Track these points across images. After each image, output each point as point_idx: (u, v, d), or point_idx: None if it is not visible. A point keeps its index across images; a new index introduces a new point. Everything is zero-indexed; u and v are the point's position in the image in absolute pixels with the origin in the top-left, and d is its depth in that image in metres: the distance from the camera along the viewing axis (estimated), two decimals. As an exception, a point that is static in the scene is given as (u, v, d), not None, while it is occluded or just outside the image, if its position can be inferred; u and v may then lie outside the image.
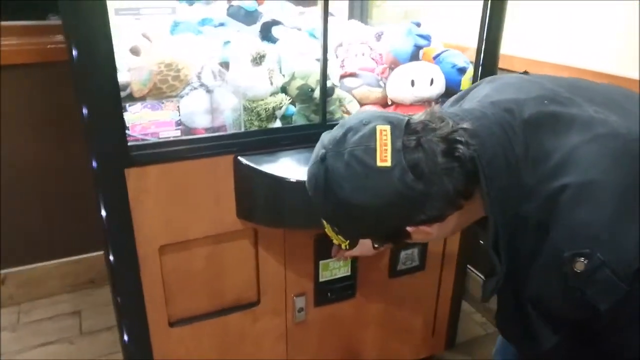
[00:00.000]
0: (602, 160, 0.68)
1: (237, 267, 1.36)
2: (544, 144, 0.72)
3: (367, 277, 1.53)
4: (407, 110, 1.45)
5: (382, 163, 0.70)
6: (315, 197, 0.82)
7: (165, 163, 1.16)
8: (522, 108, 0.75)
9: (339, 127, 0.79)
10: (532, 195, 0.71)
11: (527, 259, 0.74)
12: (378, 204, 0.73)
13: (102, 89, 1.02)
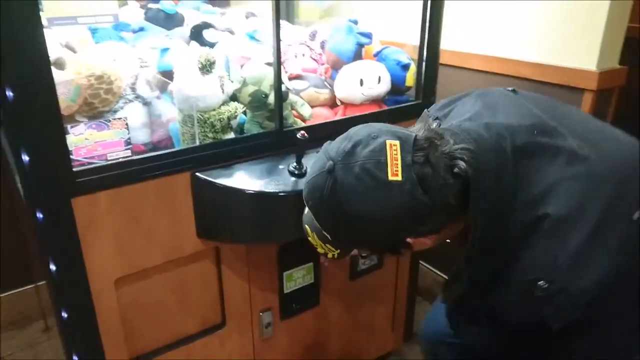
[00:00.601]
0: (579, 198, 0.74)
1: (199, 290, 1.27)
2: (530, 173, 0.77)
3: (329, 283, 1.50)
4: (356, 109, 1.43)
5: (393, 177, 0.72)
6: (316, 208, 0.80)
7: (116, 188, 1.04)
8: (514, 136, 0.79)
9: (344, 140, 0.78)
10: (513, 217, 0.76)
11: (496, 274, 0.79)
12: (386, 216, 0.74)
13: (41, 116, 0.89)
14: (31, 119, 0.90)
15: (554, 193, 0.74)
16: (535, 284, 0.73)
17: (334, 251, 0.90)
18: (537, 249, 0.74)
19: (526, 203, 0.75)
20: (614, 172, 0.76)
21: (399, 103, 1.50)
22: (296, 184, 1.15)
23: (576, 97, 1.48)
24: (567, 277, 0.72)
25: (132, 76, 1.32)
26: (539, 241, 0.74)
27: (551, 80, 1.52)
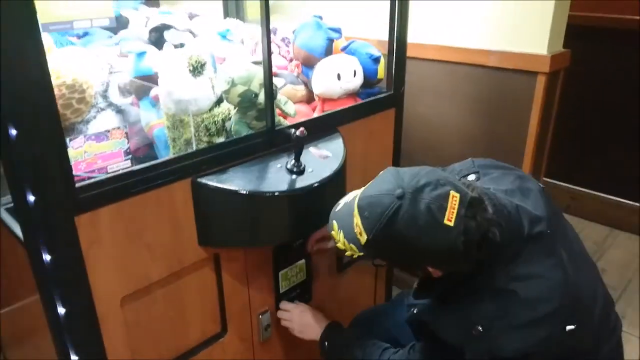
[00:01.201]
0: (542, 295, 0.91)
1: (200, 300, 1.23)
2: (525, 255, 0.93)
3: (319, 277, 1.51)
4: (334, 104, 1.45)
5: (447, 222, 0.85)
6: (370, 219, 0.90)
7: (119, 201, 0.98)
8: (534, 226, 0.96)
9: (416, 176, 0.90)
10: (494, 277, 0.93)
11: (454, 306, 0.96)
12: (428, 249, 0.88)
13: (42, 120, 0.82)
14: (32, 136, 0.83)
15: (530, 281, 0.92)
16: (476, 325, 0.91)
17: (357, 253, 0.96)
18: (494, 306, 0.92)
19: (509, 274, 0.92)
20: (573, 292, 0.93)
21: (371, 95, 1.53)
22: (296, 182, 1.15)
23: (531, 80, 1.60)
24: (500, 334, 0.90)
25: (102, 83, 1.25)
26: (499, 302, 0.92)
27: (506, 65, 1.63)
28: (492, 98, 1.70)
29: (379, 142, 1.55)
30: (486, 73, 1.69)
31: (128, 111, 1.27)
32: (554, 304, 0.90)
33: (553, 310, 0.90)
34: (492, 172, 1.09)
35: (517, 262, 0.92)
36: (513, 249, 0.93)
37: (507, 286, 0.91)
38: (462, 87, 1.77)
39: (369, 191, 0.94)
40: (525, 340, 0.90)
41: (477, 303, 0.93)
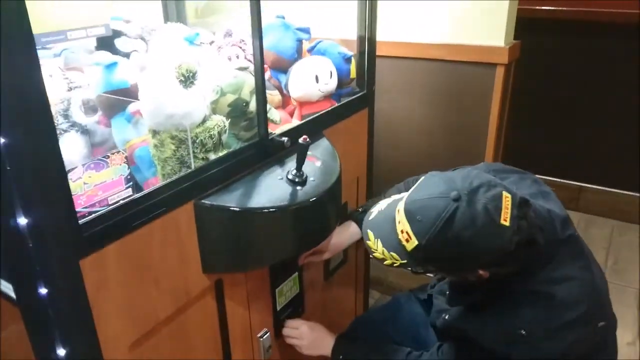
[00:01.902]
0: (576, 296, 0.94)
1: (202, 331, 1.12)
2: (557, 258, 0.96)
3: (310, 288, 1.45)
4: (313, 107, 1.39)
5: (503, 222, 0.85)
6: (423, 224, 0.87)
7: (124, 236, 0.86)
8: (565, 229, 1.00)
9: (467, 178, 0.89)
10: (533, 281, 0.95)
11: (488, 314, 0.98)
12: (483, 251, 0.87)
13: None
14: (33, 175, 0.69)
15: (565, 284, 0.94)
16: (519, 330, 0.93)
17: (399, 261, 0.93)
18: (535, 310, 0.94)
19: (546, 277, 0.95)
20: (598, 290, 0.98)
21: (342, 96, 1.49)
22: (303, 193, 1.09)
23: (490, 71, 1.65)
24: (543, 337, 0.93)
25: (61, 101, 1.10)
26: (538, 306, 0.94)
27: (466, 58, 1.67)
28: (453, 91, 1.74)
29: (356, 143, 1.52)
30: (445, 67, 1.72)
31: (94, 131, 1.12)
32: (587, 303, 0.94)
33: (587, 309, 0.93)
34: (509, 176, 1.10)
35: (552, 265, 0.95)
36: (549, 252, 0.95)
37: (544, 289, 0.94)
38: (421, 82, 1.79)
39: (417, 195, 0.91)
40: (565, 340, 0.92)
41: (517, 308, 0.94)
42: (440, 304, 1.09)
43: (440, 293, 1.11)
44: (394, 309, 1.40)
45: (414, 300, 1.40)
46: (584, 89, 2.59)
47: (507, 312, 0.95)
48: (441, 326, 1.06)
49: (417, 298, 1.38)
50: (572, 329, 0.93)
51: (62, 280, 0.77)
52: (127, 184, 0.87)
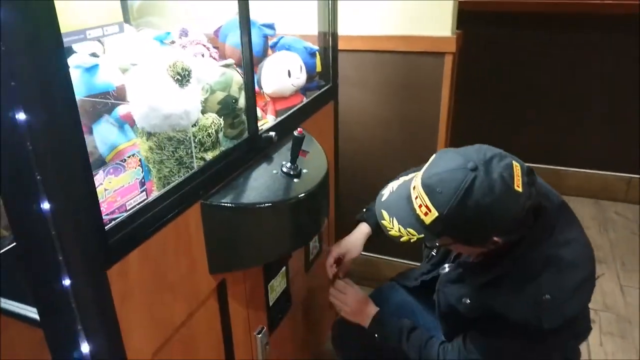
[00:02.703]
0: (583, 256, 1.03)
1: (207, 335, 1.10)
2: (559, 224, 1.03)
3: (295, 281, 1.46)
4: (286, 102, 1.40)
5: (517, 188, 0.91)
6: (442, 195, 0.92)
7: (144, 242, 0.83)
8: (558, 197, 1.07)
9: (480, 151, 0.94)
10: (544, 247, 1.00)
11: (509, 287, 1.01)
12: (502, 215, 0.92)
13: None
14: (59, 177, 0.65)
15: (570, 245, 1.02)
16: (543, 296, 0.97)
17: (416, 236, 0.96)
18: (550, 274, 0.99)
19: (553, 243, 1.01)
20: (591, 247, 1.06)
21: (309, 90, 1.52)
22: (302, 185, 1.10)
23: (439, 60, 1.76)
24: (566, 297, 0.98)
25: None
26: (553, 269, 0.99)
27: (416, 49, 1.76)
28: (405, 81, 1.82)
29: (325, 136, 1.55)
30: (397, 58, 1.80)
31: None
32: (592, 260, 1.03)
33: (592, 265, 1.03)
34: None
35: (556, 231, 1.02)
36: (552, 219, 1.02)
37: (554, 253, 1.00)
38: (374, 74, 1.85)
39: (434, 170, 0.95)
40: (584, 296, 1.01)
41: (536, 275, 0.99)
42: (453, 291, 1.11)
43: (450, 281, 1.15)
44: (379, 301, 1.42)
45: (399, 289, 1.45)
46: (522, 76, 2.84)
47: (527, 281, 0.99)
48: (466, 311, 1.08)
49: (404, 286, 1.44)
50: (586, 285, 1.00)
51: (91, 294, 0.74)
52: (142, 188, 0.84)
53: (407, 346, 1.20)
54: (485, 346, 1.08)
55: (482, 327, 1.09)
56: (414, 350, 1.19)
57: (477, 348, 1.09)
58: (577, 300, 1.00)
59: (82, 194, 0.69)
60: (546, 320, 0.97)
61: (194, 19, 1.84)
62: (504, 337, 1.05)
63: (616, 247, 2.52)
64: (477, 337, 1.10)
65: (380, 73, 1.85)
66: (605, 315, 2.09)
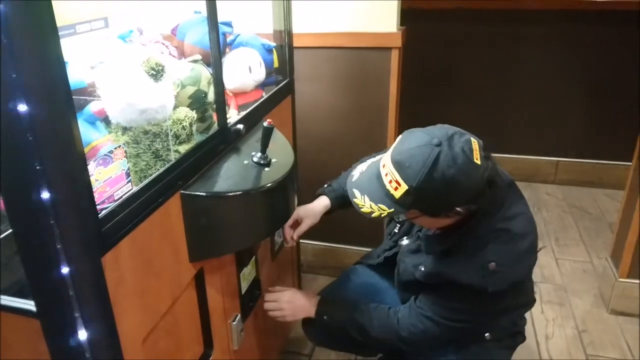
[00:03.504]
0: (526, 229, 1.14)
1: (188, 322, 1.14)
2: (507, 199, 1.15)
3: (263, 270, 1.51)
4: (247, 97, 1.45)
5: (476, 161, 1.02)
6: (411, 169, 1.00)
7: (133, 230, 0.86)
8: (507, 175, 1.19)
9: (443, 129, 1.04)
10: (493, 221, 1.11)
11: (461, 255, 1.12)
12: (466, 185, 1.01)
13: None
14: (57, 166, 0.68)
15: (517, 219, 1.13)
16: (489, 263, 1.08)
17: (386, 210, 1.04)
18: (498, 244, 1.10)
19: (502, 216, 1.12)
20: (535, 222, 1.19)
21: (268, 85, 1.57)
22: (274, 173, 1.16)
23: (386, 55, 1.86)
24: (511, 264, 1.10)
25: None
26: (500, 240, 1.10)
27: (365, 45, 1.86)
28: (355, 75, 1.92)
29: (284, 128, 1.61)
30: (347, 54, 1.89)
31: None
32: (534, 233, 1.15)
33: (535, 237, 1.15)
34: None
35: (505, 205, 1.13)
36: (502, 194, 1.14)
37: (503, 226, 1.11)
38: (325, 70, 1.93)
39: (402, 147, 1.04)
40: (526, 263, 1.13)
41: (484, 245, 1.09)
42: (412, 260, 1.22)
43: (410, 251, 1.24)
44: (343, 285, 1.51)
45: (362, 270, 1.54)
46: (459, 67, 3.04)
47: (476, 250, 1.10)
48: (421, 277, 1.18)
49: (369, 265, 1.52)
50: (528, 254, 1.13)
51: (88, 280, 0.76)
52: (128, 179, 0.86)
53: (356, 315, 1.29)
54: (434, 303, 1.19)
55: (434, 290, 1.19)
56: (364, 317, 1.28)
57: (426, 305, 1.20)
58: (520, 268, 1.12)
59: (80, 184, 0.71)
60: (491, 284, 1.08)
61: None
62: (452, 297, 1.16)
63: (550, 224, 2.75)
64: (428, 297, 1.21)
65: (332, 68, 1.93)
66: (544, 286, 2.28)
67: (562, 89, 2.96)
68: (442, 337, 1.22)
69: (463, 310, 1.17)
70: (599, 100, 2.94)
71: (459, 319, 1.18)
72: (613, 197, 2.96)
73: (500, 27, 2.92)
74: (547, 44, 2.89)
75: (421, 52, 2.85)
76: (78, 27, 0.77)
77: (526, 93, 3.03)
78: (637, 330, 1.99)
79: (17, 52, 0.60)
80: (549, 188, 3.13)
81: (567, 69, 2.92)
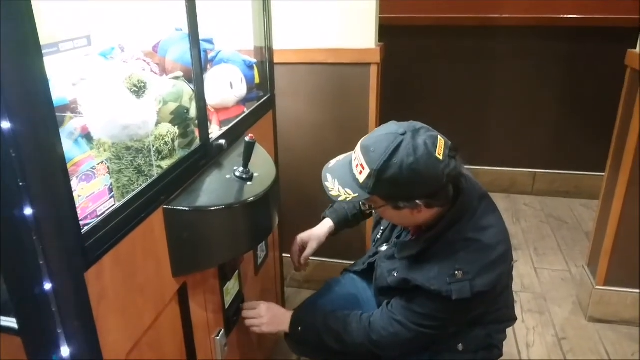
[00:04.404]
0: (496, 240, 1.16)
1: (171, 338, 1.13)
2: (480, 211, 1.18)
3: (246, 285, 1.52)
4: (228, 112, 1.47)
5: (438, 155, 1.06)
6: (375, 153, 1.06)
7: (115, 245, 0.86)
8: (482, 188, 1.23)
9: (411, 124, 1.10)
10: (464, 229, 1.15)
11: (430, 262, 1.15)
12: (423, 174, 1.05)
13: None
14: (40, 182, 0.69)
15: (488, 230, 1.16)
16: (455, 271, 1.11)
17: (351, 195, 1.10)
18: (467, 253, 1.13)
19: (473, 226, 1.16)
20: (509, 235, 1.22)
21: (249, 100, 1.59)
22: (255, 187, 1.18)
23: (365, 70, 1.90)
24: (476, 273, 1.12)
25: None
26: (470, 249, 1.13)
27: (344, 61, 1.89)
28: (335, 90, 1.95)
29: (266, 143, 1.63)
30: (327, 69, 1.92)
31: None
32: (506, 245, 1.18)
33: (506, 250, 1.17)
34: None
35: (477, 216, 1.16)
36: (474, 204, 1.17)
37: (473, 236, 1.14)
38: (306, 85, 1.96)
39: (372, 135, 1.11)
40: (493, 274, 1.13)
41: (454, 253, 1.13)
42: (388, 266, 1.25)
43: (387, 257, 1.28)
44: (328, 293, 1.52)
45: (348, 278, 1.55)
46: (436, 80, 3.11)
47: (446, 257, 1.13)
48: (393, 283, 1.21)
49: (355, 272, 1.54)
50: (497, 265, 1.14)
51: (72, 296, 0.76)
52: (110, 194, 0.87)
53: (331, 322, 1.31)
54: (405, 307, 1.21)
55: (406, 295, 1.22)
56: (337, 324, 1.30)
57: (397, 309, 1.23)
58: (486, 279, 1.12)
59: (63, 200, 0.72)
60: (455, 291, 1.10)
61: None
62: (421, 303, 1.18)
63: (528, 234, 2.80)
64: (399, 301, 1.23)
65: (312, 84, 1.96)
66: (524, 295, 2.31)
67: (537, 102, 3.04)
68: (413, 341, 1.23)
69: (431, 317, 1.19)
70: (573, 112, 3.02)
71: (428, 325, 1.20)
72: (589, 207, 3.04)
73: (477, 42, 2.99)
74: (522, 59, 2.97)
75: (399, 67, 2.91)
76: (61, 45, 0.78)
77: (502, 106, 3.10)
78: (615, 337, 2.04)
79: (1, 69, 0.61)
80: (527, 199, 3.20)
81: (542, 83, 3.00)
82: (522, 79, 3.02)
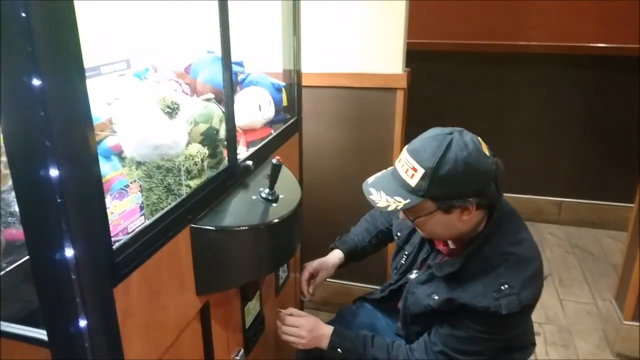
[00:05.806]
0: (531, 254, 1.17)
1: (191, 358, 1.14)
2: (513, 224, 1.21)
3: (267, 305, 1.52)
4: (256, 134, 1.49)
5: (485, 151, 1.12)
6: (426, 153, 1.08)
7: (144, 263, 0.88)
8: (511, 207, 1.24)
9: (451, 128, 1.14)
10: (501, 243, 1.16)
11: (472, 280, 1.15)
12: (476, 167, 1.09)
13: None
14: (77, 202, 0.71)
15: (522, 244, 1.17)
16: (501, 286, 1.11)
17: (402, 202, 1.10)
18: (506, 267, 1.14)
19: (507, 241, 1.17)
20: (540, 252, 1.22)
21: (276, 122, 1.62)
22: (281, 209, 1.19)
23: (391, 95, 1.91)
24: (522, 287, 1.12)
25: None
26: (508, 263, 1.14)
27: (370, 85, 1.91)
28: (360, 114, 1.97)
29: (291, 165, 1.65)
30: (352, 93, 1.94)
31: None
32: (539, 259, 1.17)
33: (540, 264, 1.17)
34: None
35: (510, 231, 1.17)
36: (507, 219, 1.18)
37: (509, 250, 1.14)
38: (330, 108, 1.98)
39: (418, 140, 1.15)
40: (536, 287, 1.14)
41: (494, 268, 1.13)
42: (424, 290, 1.22)
43: (420, 282, 1.25)
44: (342, 323, 1.49)
45: (361, 307, 1.53)
46: (461, 106, 3.11)
47: (487, 274, 1.13)
48: (435, 305, 1.18)
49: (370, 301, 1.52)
50: (537, 278, 1.15)
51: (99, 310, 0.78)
52: (141, 212, 0.89)
53: (373, 351, 1.27)
54: (447, 335, 1.19)
55: (447, 321, 1.19)
56: (382, 354, 1.27)
57: (439, 339, 1.20)
58: (531, 290, 1.13)
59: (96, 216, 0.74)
60: (504, 306, 1.09)
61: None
62: (466, 325, 1.16)
63: (553, 264, 2.75)
64: (440, 331, 1.21)
65: (336, 107, 1.98)
66: (548, 327, 2.26)
67: (565, 130, 3.01)
68: None
69: (473, 341, 1.17)
70: (598, 141, 2.98)
71: (471, 351, 1.18)
72: (615, 238, 2.97)
73: (502, 69, 2.99)
74: (550, 86, 2.96)
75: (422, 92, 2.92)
76: (102, 69, 0.81)
77: (529, 133, 3.08)
78: (643, 375, 1.97)
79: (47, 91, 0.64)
80: (552, 228, 3.14)
81: (569, 111, 2.97)
82: (547, 106, 3.00)
